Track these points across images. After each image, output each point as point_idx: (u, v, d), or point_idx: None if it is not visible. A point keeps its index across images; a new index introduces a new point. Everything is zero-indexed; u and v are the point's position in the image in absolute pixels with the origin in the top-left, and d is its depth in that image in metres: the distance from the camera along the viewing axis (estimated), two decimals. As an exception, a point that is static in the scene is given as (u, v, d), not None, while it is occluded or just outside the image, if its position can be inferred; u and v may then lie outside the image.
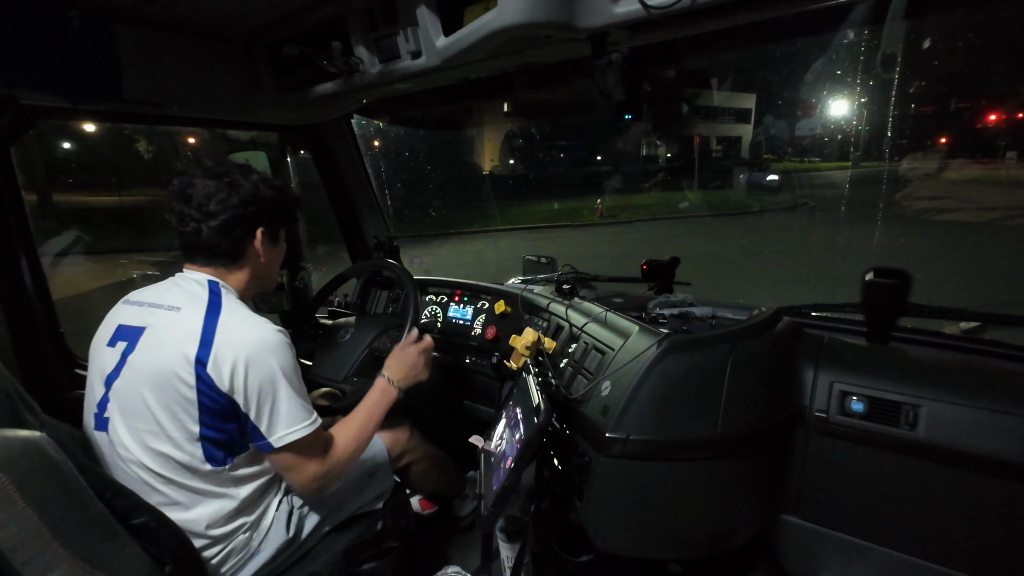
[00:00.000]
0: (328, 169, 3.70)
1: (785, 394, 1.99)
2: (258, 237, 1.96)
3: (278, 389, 1.79)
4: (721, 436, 1.82)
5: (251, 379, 1.75)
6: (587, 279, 3.01)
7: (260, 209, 1.94)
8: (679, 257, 2.78)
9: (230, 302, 1.87)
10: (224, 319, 1.81)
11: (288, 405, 1.81)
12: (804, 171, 31.61)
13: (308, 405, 1.87)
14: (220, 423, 1.80)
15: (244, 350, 1.75)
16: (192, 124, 3.10)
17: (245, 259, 1.97)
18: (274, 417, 1.80)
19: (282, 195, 2.02)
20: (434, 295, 3.43)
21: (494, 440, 2.12)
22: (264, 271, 2.04)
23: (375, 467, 2.38)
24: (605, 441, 1.81)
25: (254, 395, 1.76)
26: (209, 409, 1.77)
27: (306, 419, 1.84)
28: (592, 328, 2.27)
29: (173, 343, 1.77)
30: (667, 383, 1.82)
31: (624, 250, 16.72)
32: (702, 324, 2.17)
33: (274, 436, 1.81)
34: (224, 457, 1.85)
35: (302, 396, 1.85)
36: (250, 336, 1.78)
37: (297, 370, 1.86)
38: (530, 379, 2.03)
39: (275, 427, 1.81)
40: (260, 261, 2.00)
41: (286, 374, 1.80)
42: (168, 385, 1.76)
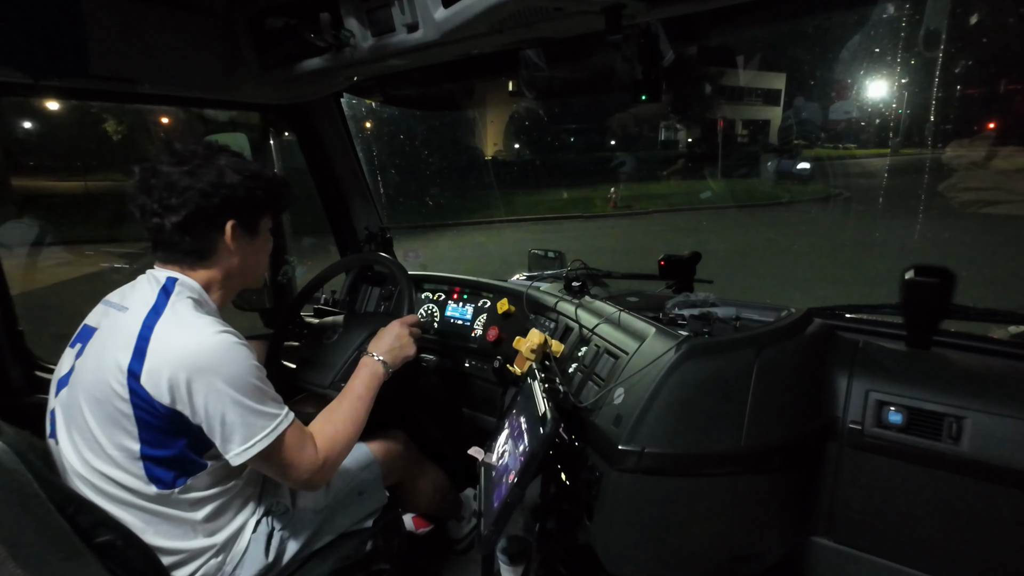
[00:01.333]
0: (315, 153, 3.69)
1: (816, 404, 1.98)
2: (228, 232, 1.90)
3: (225, 402, 1.72)
4: (745, 449, 1.82)
5: (195, 393, 1.70)
6: (599, 276, 3.01)
7: (227, 199, 1.87)
8: (700, 252, 2.77)
9: (177, 304, 1.81)
10: (161, 325, 1.75)
11: (242, 416, 1.75)
12: (838, 158, 31.53)
13: (270, 407, 1.81)
14: (165, 439, 1.76)
15: (181, 362, 1.69)
16: (166, 103, 3.09)
17: (215, 256, 1.92)
18: (227, 432, 1.75)
19: (258, 180, 1.94)
20: (430, 292, 3.43)
21: (495, 452, 2.12)
22: (243, 268, 1.99)
23: (365, 482, 2.37)
24: (618, 454, 1.81)
25: (201, 409, 1.71)
26: (149, 425, 1.73)
27: (267, 426, 1.78)
28: (604, 330, 2.27)
29: (111, 350, 1.75)
30: (686, 391, 1.82)
31: (640, 244, 16.73)
32: (725, 326, 2.16)
33: (231, 453, 1.76)
34: (174, 478, 1.81)
35: (259, 400, 1.78)
36: (186, 345, 1.72)
37: (252, 371, 1.78)
38: (535, 385, 2.03)
39: (230, 443, 1.76)
40: (235, 258, 1.95)
41: (235, 383, 1.73)
42: (104, 398, 1.73)
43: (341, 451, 1.99)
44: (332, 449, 1.95)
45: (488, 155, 32.05)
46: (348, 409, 2.06)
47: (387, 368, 2.22)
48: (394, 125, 21.16)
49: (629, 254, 14.55)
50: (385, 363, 2.22)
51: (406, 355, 2.30)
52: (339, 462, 2.00)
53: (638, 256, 12.94)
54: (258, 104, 3.41)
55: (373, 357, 2.22)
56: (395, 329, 2.32)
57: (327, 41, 2.40)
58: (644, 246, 16.04)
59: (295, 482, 1.90)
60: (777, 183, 27.27)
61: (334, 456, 1.96)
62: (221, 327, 1.77)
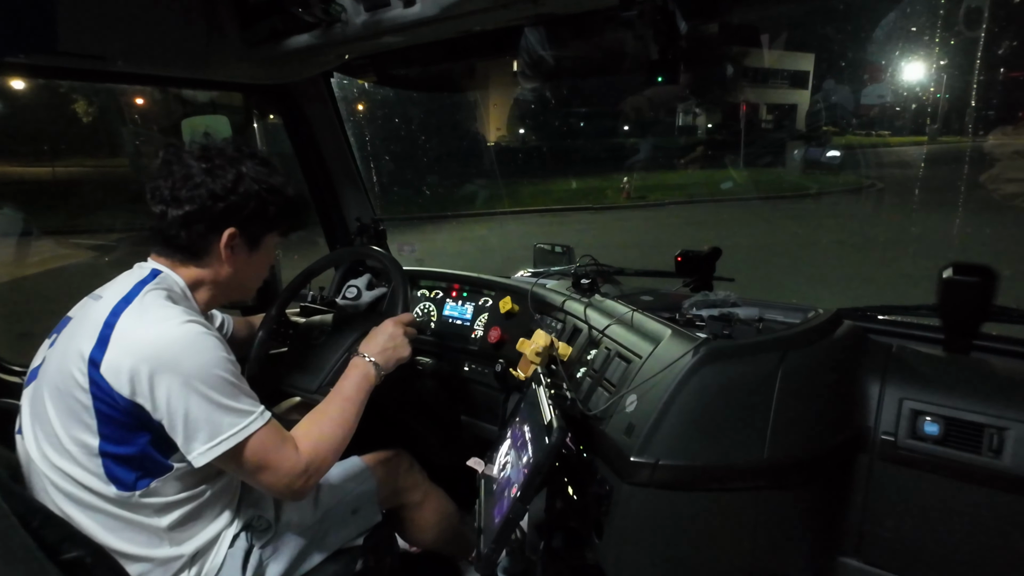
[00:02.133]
0: (302, 137, 3.69)
1: (845, 413, 1.98)
2: (224, 238, 1.94)
3: (189, 396, 1.72)
4: (768, 462, 1.82)
5: (157, 386, 1.71)
6: (610, 272, 3.01)
7: (234, 207, 1.92)
8: (720, 247, 2.77)
9: (149, 294, 1.84)
10: (128, 313, 1.78)
11: (208, 412, 1.74)
12: (871, 146, 31.49)
13: (241, 403, 1.80)
14: (125, 434, 1.76)
15: (142, 351, 1.71)
16: (141, 82, 3.10)
17: (207, 259, 1.97)
18: (190, 429, 1.74)
19: (274, 196, 2.00)
20: (427, 290, 3.43)
21: (497, 464, 2.12)
22: (234, 279, 2.04)
23: (360, 500, 2.37)
24: (630, 466, 1.81)
25: (163, 404, 1.71)
26: (109, 418, 1.74)
27: (236, 424, 1.78)
28: (616, 331, 2.27)
29: (77, 339, 1.78)
30: (704, 398, 1.82)
31: (655, 238, 16.72)
32: (747, 328, 2.16)
33: (193, 452, 1.76)
34: (135, 480, 1.80)
35: (229, 395, 1.78)
36: (149, 333, 1.74)
37: (220, 364, 1.78)
38: (541, 391, 2.03)
39: (192, 441, 1.75)
40: (226, 267, 1.99)
41: (200, 375, 1.74)
42: (65, 388, 1.75)
43: (327, 456, 1.98)
44: (316, 453, 1.94)
45: (491, 141, 32.06)
46: (336, 411, 2.06)
47: (379, 370, 2.20)
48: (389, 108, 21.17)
49: (643, 249, 14.53)
50: (377, 365, 2.20)
51: (400, 357, 2.29)
52: (324, 469, 1.98)
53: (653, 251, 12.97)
54: (241, 84, 3.41)
55: (364, 358, 2.21)
56: (388, 328, 2.31)
57: (316, 16, 2.40)
58: (660, 240, 16.03)
59: (274, 489, 1.89)
60: (804, 173, 27.21)
61: (318, 461, 1.94)
62: (188, 317, 1.79)
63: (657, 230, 18.80)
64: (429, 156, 25.65)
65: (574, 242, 3.35)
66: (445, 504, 2.79)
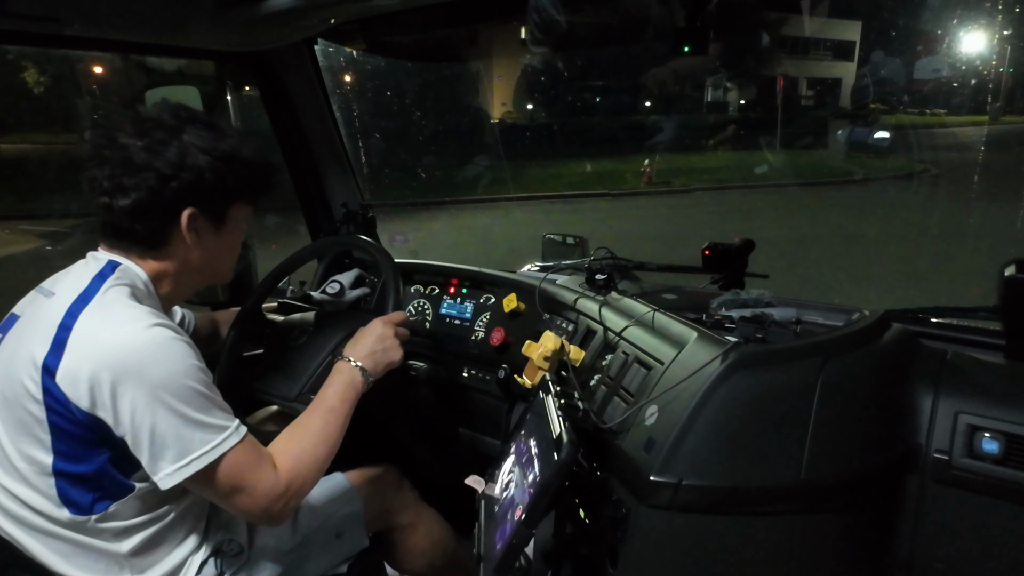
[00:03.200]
0: (282, 112, 3.70)
1: (893, 428, 1.98)
2: (184, 222, 1.89)
3: (156, 410, 1.69)
4: (806, 483, 1.82)
5: (120, 398, 1.68)
6: (629, 267, 3.01)
7: (187, 185, 1.86)
8: (753, 240, 2.77)
9: (109, 292, 1.80)
10: (87, 314, 1.75)
11: (177, 428, 1.72)
12: (924, 127, 31.38)
13: (214, 418, 1.78)
14: (83, 451, 1.74)
15: (104, 359, 1.68)
16: (100, 48, 3.10)
17: (169, 248, 1.93)
18: (156, 447, 1.72)
19: (231, 164, 1.94)
20: (422, 285, 3.43)
21: (499, 482, 2.13)
22: (204, 263, 2.01)
23: (344, 523, 2.37)
24: (649, 486, 1.80)
25: (126, 418, 1.69)
26: (65, 433, 1.72)
27: (208, 441, 1.76)
28: (634, 333, 2.27)
29: (28, 342, 1.75)
30: (734, 409, 1.82)
31: (680, 229, 16.72)
32: (783, 331, 2.16)
33: (160, 473, 1.73)
34: (92, 502, 1.79)
35: (201, 409, 1.76)
36: (113, 338, 1.71)
37: (192, 373, 1.76)
38: (549, 401, 2.03)
39: (159, 460, 1.73)
40: (194, 251, 1.95)
41: (169, 386, 1.71)
42: (14, 398, 1.74)
43: (308, 475, 1.97)
44: (296, 472, 1.92)
45: (495, 117, 32.02)
46: (318, 424, 2.04)
47: (367, 377, 2.19)
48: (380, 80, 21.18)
49: (666, 241, 14.51)
50: (364, 370, 2.19)
51: (390, 361, 2.28)
52: (306, 489, 1.97)
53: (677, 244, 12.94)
54: (213, 51, 3.41)
55: (350, 363, 2.19)
56: (377, 329, 2.30)
57: (298, -26, 2.40)
58: (685, 231, 16.01)
59: (249, 512, 1.88)
60: (849, 156, 27.16)
61: (299, 481, 1.93)
62: (156, 319, 1.77)
63: (682, 219, 18.81)
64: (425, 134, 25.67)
65: (588, 232, 3.36)
66: (440, 527, 2.79)
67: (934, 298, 9.18)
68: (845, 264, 12.94)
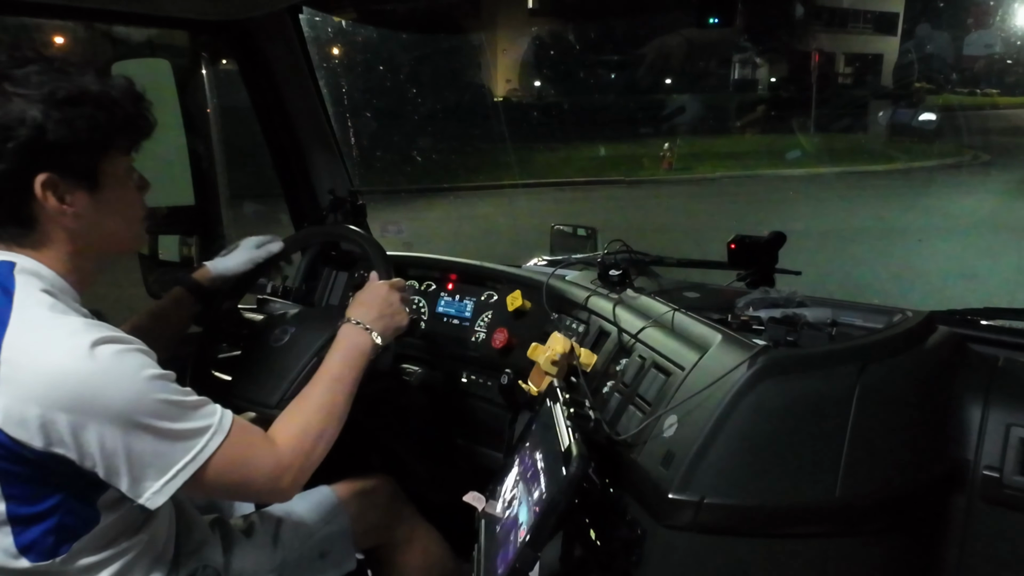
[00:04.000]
0: (263, 89, 3.70)
1: (938, 441, 1.98)
2: (38, 191, 1.72)
3: (129, 434, 1.64)
4: (841, 502, 1.81)
5: (83, 432, 1.61)
6: (646, 262, 3.00)
7: (25, 146, 1.67)
8: (784, 233, 2.77)
9: (27, 303, 1.68)
10: (12, 339, 1.62)
11: (155, 444, 1.68)
12: (975, 108, 31.27)
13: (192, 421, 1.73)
14: (38, 490, 1.68)
15: (54, 397, 1.58)
16: (62, 16, 3.09)
17: (44, 227, 1.78)
18: (136, 470, 1.67)
19: (78, 106, 1.73)
20: (417, 281, 3.43)
21: (501, 499, 2.13)
22: (92, 235, 1.85)
23: (330, 540, 2.37)
24: (667, 505, 1.80)
25: (94, 451, 1.63)
26: (15, 476, 1.64)
27: (193, 447, 1.72)
28: (652, 335, 2.27)
29: None
30: (763, 420, 1.82)
31: (703, 220, 16.70)
32: (817, 334, 2.16)
33: (146, 494, 1.70)
34: (56, 544, 1.73)
35: (175, 416, 1.71)
36: (56, 370, 1.60)
37: (154, 385, 1.69)
38: (557, 410, 2.03)
39: (142, 482, 1.69)
40: (74, 223, 1.79)
41: (136, 407, 1.65)
42: None
43: (314, 448, 1.96)
44: (300, 446, 1.92)
45: (498, 95, 31.97)
46: (324, 395, 2.04)
47: (375, 340, 2.19)
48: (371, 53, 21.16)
49: (687, 234, 14.55)
50: (372, 332, 2.19)
51: (398, 325, 2.30)
52: (313, 462, 1.97)
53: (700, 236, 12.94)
54: (187, 20, 3.41)
55: (357, 326, 2.20)
56: (381, 291, 2.31)
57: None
58: (708, 223, 15.98)
59: (257, 498, 1.90)
60: (891, 140, 27.12)
61: (302, 456, 1.93)
62: (96, 333, 1.66)
63: (705, 210, 18.79)
64: (421, 114, 25.60)
65: (601, 223, 3.36)
66: (438, 546, 2.78)
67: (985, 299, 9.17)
68: (886, 260, 12.94)
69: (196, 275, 2.67)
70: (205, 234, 3.62)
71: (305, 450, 1.92)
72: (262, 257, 2.74)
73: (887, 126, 28.49)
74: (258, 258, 2.73)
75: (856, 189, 21.31)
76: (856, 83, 39.54)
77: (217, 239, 3.68)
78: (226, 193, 3.75)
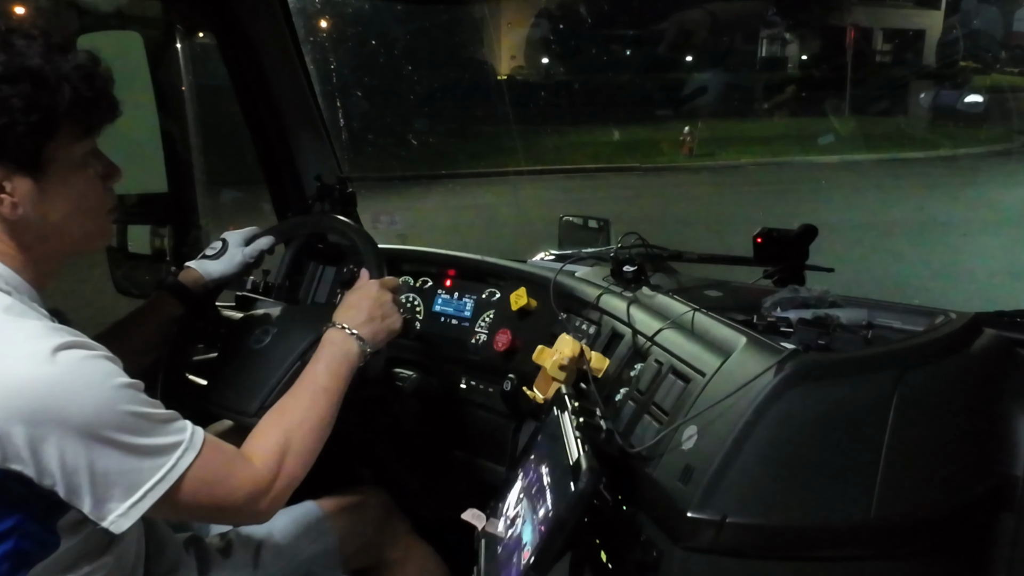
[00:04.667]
0: (244, 65, 3.70)
1: (984, 455, 1.98)
2: None
3: (92, 449, 1.62)
4: (877, 522, 1.81)
5: (42, 445, 1.58)
6: (664, 257, 3.00)
7: None
8: (815, 226, 2.77)
9: None
10: None
11: (120, 461, 1.65)
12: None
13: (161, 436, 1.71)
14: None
15: (9, 410, 1.56)
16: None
17: None
18: (100, 489, 1.65)
19: (18, 83, 1.67)
20: (412, 277, 3.43)
21: (503, 517, 2.13)
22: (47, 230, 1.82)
23: (317, 563, 2.37)
24: (686, 524, 1.80)
25: (54, 467, 1.60)
26: None
27: (161, 466, 1.69)
28: (670, 338, 2.27)
29: None
30: (791, 432, 1.82)
31: (726, 211, 16.71)
32: (851, 337, 2.16)
33: (111, 516, 1.67)
34: (10, 571, 1.70)
35: (143, 431, 1.69)
36: (14, 377, 1.58)
37: (121, 395, 1.67)
38: (565, 419, 2.03)
39: (107, 503, 1.66)
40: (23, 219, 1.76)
41: (100, 420, 1.62)
42: None
43: (295, 466, 1.94)
44: (280, 466, 1.91)
45: (502, 74, 31.92)
46: (305, 407, 2.03)
47: (364, 348, 2.19)
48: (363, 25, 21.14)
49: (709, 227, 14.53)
50: (362, 340, 2.19)
51: (391, 330, 2.29)
52: (293, 482, 1.95)
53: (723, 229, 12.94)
54: (160, -11, 3.41)
55: (343, 331, 2.19)
56: (372, 291, 2.30)
57: None
58: (732, 215, 15.98)
59: (232, 520, 1.88)
60: (934, 124, 27.09)
61: (283, 475, 1.91)
62: (59, 338, 1.64)
63: (729, 200, 18.79)
64: (417, 93, 25.56)
65: (614, 214, 3.36)
66: (436, 566, 2.78)
67: (1036, 299, 9.16)
68: (927, 256, 12.93)
69: (182, 277, 2.63)
70: (179, 224, 3.62)
71: (286, 470, 1.91)
72: (253, 257, 2.72)
73: (929, 109, 28.43)
74: (250, 259, 2.72)
75: (894, 178, 21.29)
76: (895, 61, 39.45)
77: (192, 229, 3.68)
78: (202, 179, 3.76)
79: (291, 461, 1.92)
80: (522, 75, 32.98)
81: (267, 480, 1.86)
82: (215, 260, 2.68)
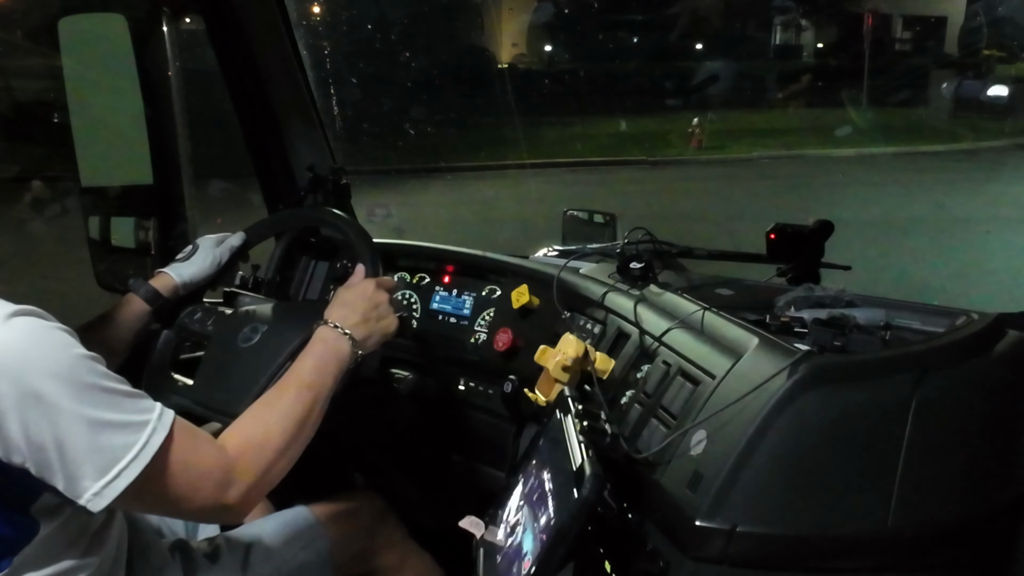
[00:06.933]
0: (233, 50, 3.69)
1: (1007, 463, 1.98)
2: None
3: (59, 419, 1.59)
4: (895, 532, 1.81)
5: (6, 418, 1.57)
6: (672, 254, 3.00)
7: None
8: (831, 222, 2.77)
9: None
10: None
11: (90, 435, 1.63)
12: (1053, 80, 31.29)
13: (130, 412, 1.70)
14: None
15: None
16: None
17: None
18: (71, 465, 1.63)
19: None
20: (408, 273, 3.43)
21: (503, 525, 2.13)
22: None
23: (308, 570, 2.37)
24: (694, 533, 1.80)
25: (19, 439, 1.59)
26: None
27: (135, 442, 1.67)
28: (678, 338, 2.27)
29: None
30: (805, 437, 1.82)
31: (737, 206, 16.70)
32: (868, 338, 2.16)
33: (87, 494, 1.65)
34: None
35: (111, 405, 1.67)
36: None
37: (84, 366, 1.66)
38: (569, 422, 2.03)
39: (80, 480, 1.64)
40: None
41: (66, 388, 1.61)
42: None
43: (271, 464, 1.92)
44: (256, 459, 1.89)
45: (503, 61, 31.92)
46: (289, 402, 2.01)
47: (355, 349, 2.19)
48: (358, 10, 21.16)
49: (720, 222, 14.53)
50: (354, 340, 2.19)
51: (385, 331, 2.29)
52: (268, 481, 1.93)
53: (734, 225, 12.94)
54: (146, -31, 3.41)
55: (335, 329, 2.19)
56: (367, 290, 2.30)
57: None
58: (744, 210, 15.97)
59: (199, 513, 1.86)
60: (956, 116, 27.05)
61: (258, 470, 1.89)
62: (13, 307, 1.65)
63: (741, 195, 18.77)
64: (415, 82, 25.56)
65: (621, 209, 3.36)
66: (433, 573, 2.78)
67: (1061, 299, 9.16)
68: (948, 254, 12.93)
69: (153, 282, 2.64)
70: (165, 217, 3.61)
71: (261, 465, 1.89)
72: (226, 255, 2.72)
73: (951, 100, 28.38)
74: (222, 258, 2.72)
75: (914, 172, 21.31)
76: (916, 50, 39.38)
77: (179, 222, 3.67)
78: (189, 170, 3.75)
79: (268, 457, 1.90)
80: (524, 63, 32.99)
81: (239, 472, 1.83)
82: (186, 263, 2.70)
